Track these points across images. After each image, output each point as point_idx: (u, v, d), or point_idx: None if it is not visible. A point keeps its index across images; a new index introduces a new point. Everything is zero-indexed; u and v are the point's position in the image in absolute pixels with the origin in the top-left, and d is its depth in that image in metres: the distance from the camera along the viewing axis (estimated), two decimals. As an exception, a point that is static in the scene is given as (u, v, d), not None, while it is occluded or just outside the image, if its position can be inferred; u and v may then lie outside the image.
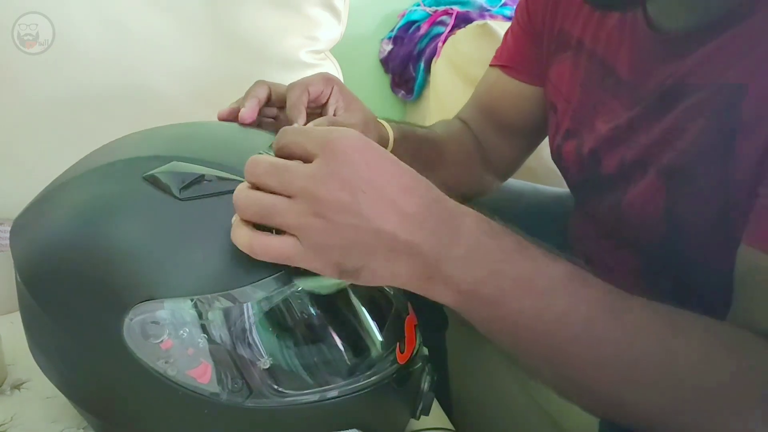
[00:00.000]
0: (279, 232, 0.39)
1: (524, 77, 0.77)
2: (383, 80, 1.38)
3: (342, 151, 0.37)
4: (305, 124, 0.59)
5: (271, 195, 0.38)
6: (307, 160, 0.38)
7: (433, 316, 1.02)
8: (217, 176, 0.47)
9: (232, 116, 0.60)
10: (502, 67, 0.78)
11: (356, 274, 0.39)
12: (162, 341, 0.45)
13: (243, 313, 0.45)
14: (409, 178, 0.39)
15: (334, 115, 0.63)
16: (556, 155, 0.71)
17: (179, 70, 0.93)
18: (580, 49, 0.66)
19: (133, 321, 0.45)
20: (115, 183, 0.49)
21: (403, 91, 1.36)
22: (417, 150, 0.72)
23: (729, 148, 0.48)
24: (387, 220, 0.37)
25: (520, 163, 0.87)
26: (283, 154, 0.40)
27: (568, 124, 0.67)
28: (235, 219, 0.41)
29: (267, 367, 0.46)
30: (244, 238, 0.39)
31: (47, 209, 0.52)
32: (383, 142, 0.67)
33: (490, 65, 0.81)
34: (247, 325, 0.46)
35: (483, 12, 1.28)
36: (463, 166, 0.81)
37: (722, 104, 0.49)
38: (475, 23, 1.23)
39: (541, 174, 1.09)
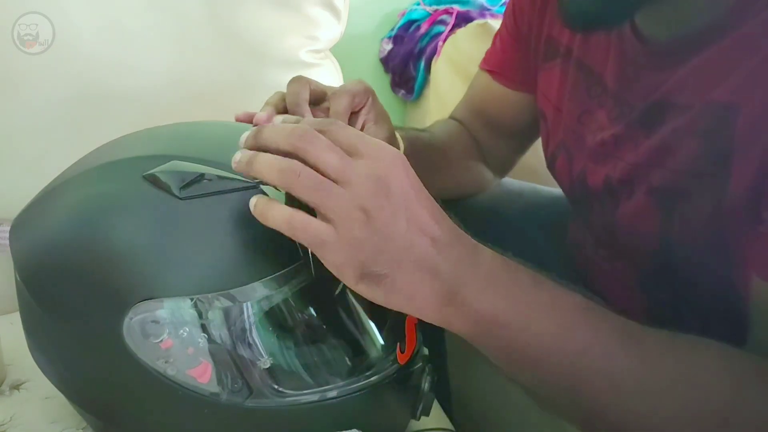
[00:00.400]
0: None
1: (511, 83, 0.77)
2: (383, 80, 1.38)
3: (396, 165, 0.39)
4: None
5: (323, 178, 0.38)
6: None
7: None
8: (217, 175, 0.47)
9: (248, 119, 0.59)
10: (491, 72, 0.79)
11: (377, 280, 0.39)
12: (162, 341, 0.45)
13: (243, 313, 0.45)
14: (438, 209, 0.40)
15: (363, 127, 0.61)
16: (550, 165, 0.71)
17: (179, 69, 0.93)
18: (569, 56, 0.65)
19: (133, 320, 0.45)
20: (115, 182, 0.49)
21: (403, 91, 1.35)
22: (423, 156, 0.72)
23: (723, 168, 0.46)
24: (421, 238, 0.38)
25: (516, 161, 0.87)
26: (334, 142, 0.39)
27: (560, 135, 0.66)
28: (261, 199, 0.41)
29: (267, 366, 0.46)
30: (282, 213, 0.39)
31: (47, 209, 0.52)
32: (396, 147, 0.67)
33: (480, 68, 0.81)
34: (247, 325, 0.45)
35: (483, 11, 1.28)
36: (465, 165, 0.81)
37: (714, 124, 0.47)
38: (475, 22, 1.23)
39: (542, 174, 1.09)
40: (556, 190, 0.90)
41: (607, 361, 0.40)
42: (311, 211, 0.40)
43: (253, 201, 0.41)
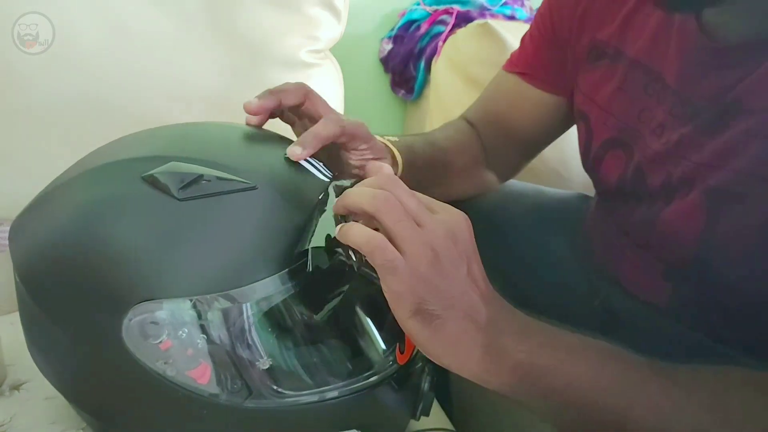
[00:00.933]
0: None
1: (545, 86, 0.76)
2: (383, 80, 1.38)
3: (463, 222, 0.44)
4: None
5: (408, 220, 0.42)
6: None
7: None
8: (216, 176, 0.47)
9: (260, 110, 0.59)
10: (522, 74, 0.77)
11: (429, 319, 0.41)
12: (161, 342, 0.45)
13: (242, 314, 0.45)
14: (483, 270, 0.44)
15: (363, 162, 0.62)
16: (592, 165, 0.70)
17: (179, 69, 0.93)
18: (618, 57, 0.65)
19: (132, 321, 0.45)
20: (114, 183, 0.49)
21: (403, 91, 1.35)
22: (425, 170, 0.72)
23: None
24: (473, 289, 0.43)
25: (522, 167, 0.87)
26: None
27: (610, 133, 0.66)
28: (340, 211, 0.44)
29: (266, 367, 0.46)
30: (364, 232, 0.41)
31: (46, 210, 0.52)
32: (392, 163, 0.67)
33: (507, 71, 0.80)
34: (246, 326, 0.45)
35: (483, 11, 1.28)
36: (468, 172, 0.81)
37: None
38: (475, 22, 1.23)
39: (542, 175, 1.09)
40: (559, 191, 0.90)
41: (642, 392, 0.41)
42: None
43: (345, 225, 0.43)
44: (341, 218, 0.45)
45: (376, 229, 0.42)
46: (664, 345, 0.54)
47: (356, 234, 0.42)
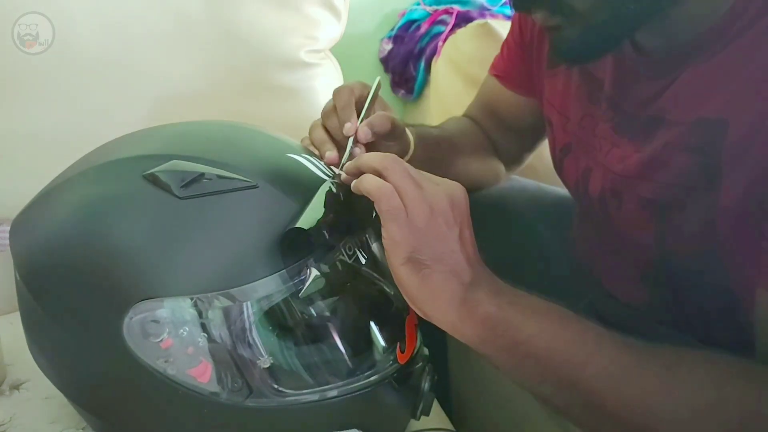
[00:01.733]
0: None
1: (517, 89, 0.79)
2: (383, 79, 1.38)
3: (460, 190, 0.48)
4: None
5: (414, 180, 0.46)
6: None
7: None
8: (216, 174, 0.47)
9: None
10: (498, 77, 0.82)
11: (418, 268, 0.45)
12: (162, 340, 0.45)
13: (243, 312, 0.45)
14: (472, 232, 0.48)
15: (372, 112, 0.64)
16: (558, 169, 0.73)
17: (179, 69, 0.93)
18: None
19: (133, 320, 0.45)
20: (115, 182, 0.49)
21: (403, 91, 1.35)
22: (434, 150, 0.74)
23: (713, 182, 0.48)
24: (461, 250, 0.46)
25: (527, 157, 0.89)
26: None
27: (566, 138, 0.68)
28: (353, 171, 0.48)
29: (267, 366, 0.46)
30: (376, 181, 0.46)
31: (47, 208, 0.52)
32: (407, 145, 0.69)
33: (489, 73, 0.84)
34: (246, 324, 0.45)
35: (483, 11, 1.28)
36: (476, 159, 0.83)
37: (703, 139, 0.49)
38: (475, 22, 1.23)
39: (542, 173, 1.09)
40: (559, 189, 0.91)
41: (599, 352, 0.44)
42: None
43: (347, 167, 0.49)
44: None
45: None
46: None
47: (369, 181, 0.46)
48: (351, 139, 0.59)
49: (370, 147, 0.61)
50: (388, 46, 1.33)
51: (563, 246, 0.80)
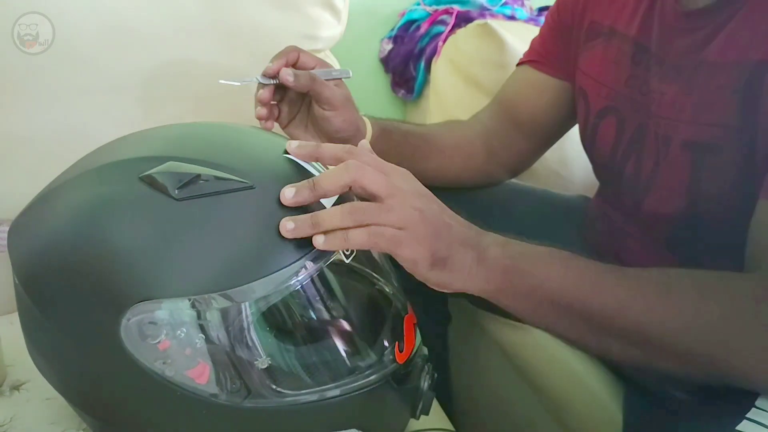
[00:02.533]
0: None
1: (551, 70, 0.81)
2: (383, 80, 1.38)
3: (411, 175, 0.49)
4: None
5: (379, 203, 0.46)
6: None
7: (435, 311, 1.01)
8: (213, 176, 0.47)
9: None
10: (530, 62, 0.83)
11: (443, 263, 0.48)
12: (159, 341, 0.45)
13: (240, 313, 0.45)
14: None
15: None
16: (590, 137, 0.75)
17: (179, 70, 0.93)
18: (612, 34, 0.72)
19: (131, 321, 0.45)
20: (112, 184, 0.49)
21: (403, 91, 1.35)
22: (400, 143, 0.77)
23: (754, 123, 0.53)
24: (454, 221, 0.49)
25: (532, 162, 0.89)
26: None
27: (604, 102, 0.72)
28: (328, 235, 0.46)
29: (265, 367, 0.46)
30: (361, 233, 0.45)
31: (45, 210, 0.51)
32: (361, 136, 0.73)
33: (520, 64, 0.85)
34: (244, 325, 0.45)
35: (483, 11, 1.28)
36: (457, 155, 0.83)
37: (747, 82, 0.53)
38: (475, 23, 1.22)
39: (542, 176, 1.09)
40: (564, 194, 0.91)
41: (602, 281, 0.50)
42: None
43: (330, 237, 0.46)
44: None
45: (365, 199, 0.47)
46: None
47: (355, 237, 0.45)
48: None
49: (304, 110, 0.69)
50: (388, 46, 1.33)
51: (570, 246, 0.79)
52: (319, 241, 0.45)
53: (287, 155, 0.53)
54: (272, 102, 0.71)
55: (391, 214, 0.46)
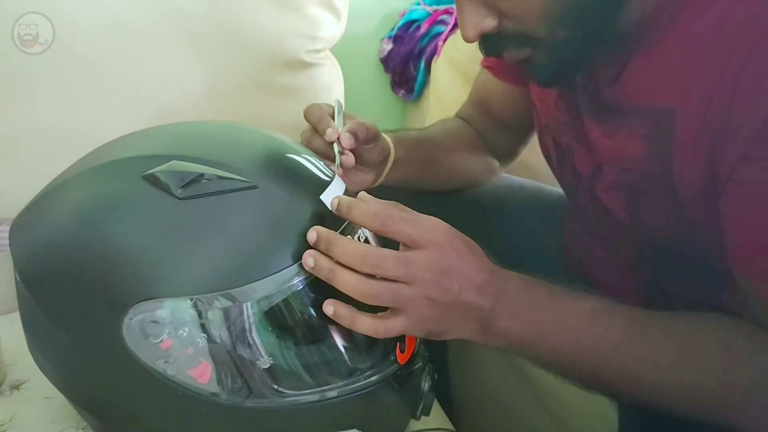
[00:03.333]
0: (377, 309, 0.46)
1: (507, 78, 0.80)
2: (383, 80, 1.38)
3: (442, 245, 0.47)
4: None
5: (394, 284, 0.45)
6: (409, 246, 0.46)
7: None
8: (216, 175, 0.47)
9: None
10: (489, 68, 0.82)
11: (440, 335, 0.48)
12: (161, 341, 0.45)
13: (242, 313, 0.45)
14: (477, 255, 0.48)
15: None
16: (543, 151, 0.74)
17: (179, 69, 0.93)
18: None
19: (133, 320, 0.45)
20: (115, 182, 0.49)
21: (403, 91, 1.35)
22: (415, 150, 0.75)
23: (668, 169, 0.51)
24: (469, 294, 0.47)
25: (519, 151, 0.89)
26: (388, 235, 0.47)
27: (544, 120, 0.70)
28: (345, 311, 0.46)
29: (266, 366, 0.46)
30: (369, 324, 0.46)
31: (46, 209, 0.51)
32: (387, 150, 0.70)
33: (481, 66, 0.84)
34: (246, 325, 0.45)
35: (483, 11, 1.28)
36: (466, 155, 0.84)
37: (655, 128, 0.51)
38: (475, 23, 1.23)
39: (541, 173, 1.09)
40: (557, 189, 0.91)
41: (614, 354, 0.49)
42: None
43: (341, 313, 0.46)
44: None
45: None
46: None
47: (363, 326, 0.46)
48: (336, 148, 0.60)
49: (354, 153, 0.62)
50: (388, 46, 1.33)
51: (560, 246, 0.80)
52: (329, 311, 0.46)
53: (291, 154, 0.53)
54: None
55: (401, 298, 0.45)
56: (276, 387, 0.47)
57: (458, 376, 0.94)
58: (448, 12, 1.28)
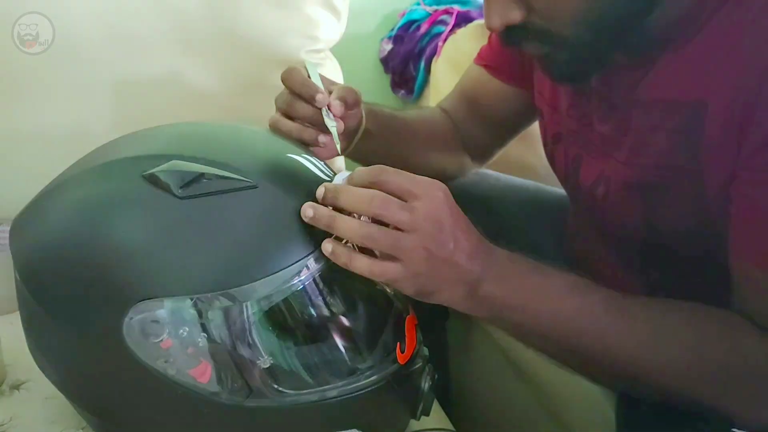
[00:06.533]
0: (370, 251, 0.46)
1: (505, 78, 0.79)
2: (383, 80, 1.38)
3: (440, 198, 0.47)
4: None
5: (394, 231, 0.45)
6: (403, 198, 0.46)
7: (434, 308, 1.02)
8: (216, 174, 0.47)
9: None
10: (486, 66, 0.80)
11: (429, 295, 0.48)
12: (162, 340, 0.45)
13: (243, 313, 0.45)
14: (467, 224, 0.49)
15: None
16: (550, 159, 0.74)
17: (179, 69, 0.93)
18: None
19: (133, 320, 0.45)
20: (114, 182, 0.49)
21: (403, 91, 1.35)
22: (386, 126, 0.74)
23: (696, 161, 0.51)
24: (461, 257, 0.47)
25: (496, 152, 0.88)
26: (383, 188, 0.46)
27: (555, 128, 0.69)
28: (341, 250, 0.46)
29: (267, 366, 0.46)
30: (364, 264, 0.46)
31: (46, 209, 0.52)
32: (360, 120, 0.69)
33: (474, 63, 0.83)
34: (246, 325, 0.46)
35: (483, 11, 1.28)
36: (435, 146, 0.82)
37: (683, 121, 0.52)
38: (475, 22, 1.23)
39: (541, 173, 1.09)
40: (558, 189, 0.91)
41: (592, 324, 0.50)
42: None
43: (337, 251, 0.46)
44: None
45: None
46: None
47: (359, 266, 0.46)
48: (326, 114, 0.57)
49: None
50: (388, 46, 1.33)
51: (559, 247, 0.80)
52: (327, 249, 0.46)
53: (291, 154, 0.53)
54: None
55: (401, 247, 0.46)
56: (276, 386, 0.47)
57: (458, 376, 0.95)
58: (448, 12, 1.29)
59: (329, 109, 0.58)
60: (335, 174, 0.54)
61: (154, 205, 0.46)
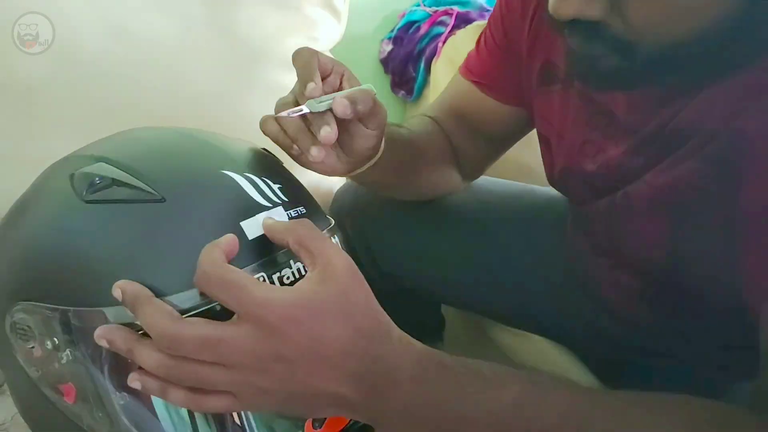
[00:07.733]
0: None
1: (500, 97, 0.71)
2: (383, 80, 1.37)
3: (274, 325, 0.35)
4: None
5: (202, 365, 0.36)
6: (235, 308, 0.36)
7: (429, 318, 0.98)
8: (128, 183, 0.43)
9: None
10: (478, 83, 0.72)
11: (299, 417, 0.41)
12: (33, 347, 0.42)
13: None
14: (347, 339, 0.36)
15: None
16: (559, 187, 0.68)
17: (179, 69, 0.92)
18: (570, 84, 0.60)
19: (14, 320, 0.43)
20: (50, 177, 0.48)
21: (403, 92, 1.34)
22: (402, 154, 0.66)
23: (731, 189, 0.45)
24: (328, 382, 0.36)
25: (483, 170, 0.82)
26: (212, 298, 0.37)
27: (566, 161, 0.63)
28: (146, 380, 0.38)
29: (122, 403, 0.41)
30: (180, 398, 0.37)
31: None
32: (378, 148, 0.59)
33: (463, 76, 0.74)
34: (103, 352, 0.41)
35: (483, 12, 1.26)
36: (438, 168, 0.77)
37: (722, 150, 0.46)
38: (475, 23, 1.21)
39: (539, 173, 1.08)
40: (551, 190, 0.90)
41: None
42: None
43: (147, 385, 0.38)
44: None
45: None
46: (649, 371, 0.53)
47: (175, 398, 0.37)
48: (313, 106, 0.46)
49: (341, 128, 0.48)
50: (388, 47, 1.33)
51: (559, 256, 0.75)
52: (136, 385, 0.38)
53: (234, 173, 0.46)
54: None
55: (224, 386, 0.37)
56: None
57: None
58: (447, 13, 1.27)
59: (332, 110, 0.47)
60: (281, 203, 0.45)
61: (60, 204, 0.44)
